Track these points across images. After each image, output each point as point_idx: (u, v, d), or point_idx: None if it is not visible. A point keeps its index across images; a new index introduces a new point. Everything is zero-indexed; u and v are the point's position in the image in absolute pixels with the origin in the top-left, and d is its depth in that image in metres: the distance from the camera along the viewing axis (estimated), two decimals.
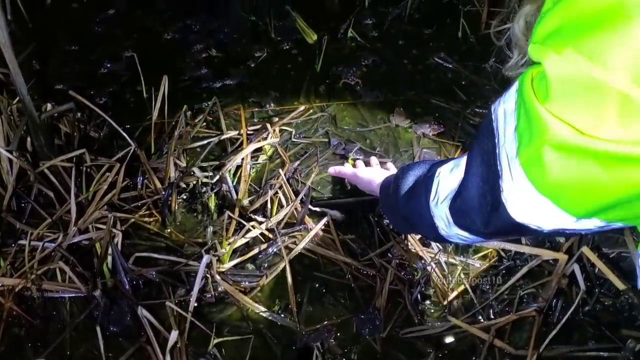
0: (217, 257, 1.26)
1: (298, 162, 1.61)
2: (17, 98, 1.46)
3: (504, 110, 0.59)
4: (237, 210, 1.42)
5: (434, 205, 0.81)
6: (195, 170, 1.43)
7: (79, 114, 1.54)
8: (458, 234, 0.78)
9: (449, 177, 0.78)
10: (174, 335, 1.10)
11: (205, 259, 1.20)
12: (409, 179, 0.95)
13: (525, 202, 0.58)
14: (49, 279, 1.30)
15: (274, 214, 1.44)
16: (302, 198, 1.44)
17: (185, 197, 1.52)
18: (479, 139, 0.65)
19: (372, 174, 1.35)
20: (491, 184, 0.62)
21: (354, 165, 1.51)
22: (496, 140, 0.60)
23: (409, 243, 1.35)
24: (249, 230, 1.34)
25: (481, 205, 0.67)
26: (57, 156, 1.43)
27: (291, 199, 1.45)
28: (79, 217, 1.37)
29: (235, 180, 1.54)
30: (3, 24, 1.13)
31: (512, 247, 1.19)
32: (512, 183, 0.58)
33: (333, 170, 1.49)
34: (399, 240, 1.37)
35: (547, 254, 1.15)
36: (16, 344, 1.24)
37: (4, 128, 1.37)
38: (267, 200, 1.46)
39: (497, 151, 0.60)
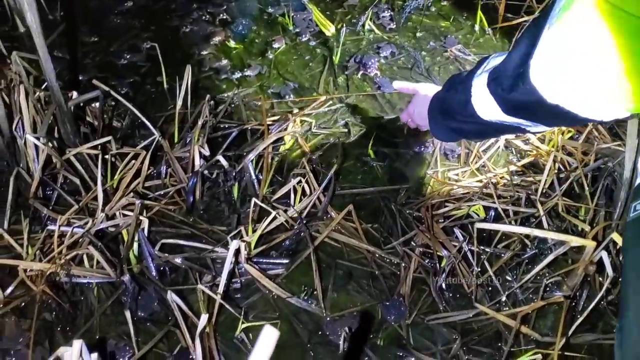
0: (245, 243, 1.27)
1: (319, 153, 1.63)
2: (44, 85, 1.47)
3: None
4: (260, 198, 1.43)
5: (478, 74, 1.00)
6: (220, 158, 1.44)
7: (105, 103, 1.54)
8: (487, 107, 0.99)
9: (498, 58, 0.97)
10: (204, 318, 1.11)
11: (235, 244, 1.21)
12: (462, 73, 1.14)
13: (544, 65, 0.77)
14: (76, 264, 1.31)
15: (297, 202, 1.45)
16: (325, 187, 1.45)
17: (208, 185, 1.53)
18: (532, 22, 0.82)
19: (431, 88, 1.39)
20: (528, 53, 0.79)
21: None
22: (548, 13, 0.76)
23: (433, 232, 1.36)
24: (275, 218, 1.35)
25: (513, 71, 0.84)
26: (83, 144, 1.43)
27: (314, 188, 1.45)
28: (105, 204, 1.38)
29: (258, 169, 1.55)
30: (34, 9, 1.14)
31: (539, 232, 1.20)
32: (542, 49, 0.76)
33: (398, 84, 1.55)
34: (423, 230, 1.38)
35: (575, 241, 1.16)
36: (46, 328, 1.25)
37: (30, 115, 1.38)
38: (290, 190, 1.46)
39: (543, 26, 0.76)
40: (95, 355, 0.97)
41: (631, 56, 0.70)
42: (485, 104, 1.01)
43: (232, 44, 2.01)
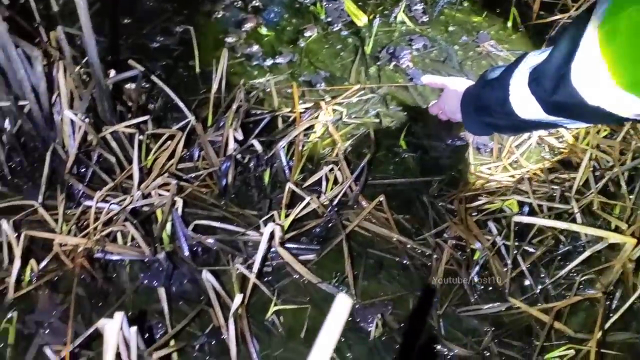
0: (280, 227, 1.27)
1: (349, 142, 1.63)
2: (82, 63, 1.48)
3: None
4: (288, 186, 1.43)
5: (516, 72, 1.01)
6: (255, 142, 1.44)
7: (141, 83, 1.55)
8: (526, 106, 1.00)
9: (536, 57, 0.97)
10: (238, 298, 1.11)
11: (270, 226, 1.21)
12: (496, 70, 1.16)
13: (585, 67, 0.78)
14: (110, 241, 1.32)
15: (329, 190, 1.45)
16: (357, 176, 1.45)
17: (239, 170, 1.53)
18: (573, 22, 0.82)
19: (461, 83, 1.39)
20: (570, 55, 0.80)
21: None
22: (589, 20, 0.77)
23: (467, 224, 1.36)
24: (308, 204, 1.35)
25: (555, 72, 0.84)
26: (119, 123, 1.44)
27: (346, 177, 1.45)
28: (140, 184, 1.39)
29: (289, 156, 1.55)
30: None
31: (577, 228, 1.20)
32: (584, 52, 0.77)
33: (426, 79, 1.55)
34: (456, 222, 1.37)
35: (613, 237, 1.15)
36: (79, 303, 1.26)
37: (68, 91, 1.39)
38: (322, 177, 1.46)
39: (585, 28, 0.77)
40: (134, 328, 0.98)
41: None
42: (524, 103, 1.02)
43: (263, 31, 2.01)
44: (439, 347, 1.22)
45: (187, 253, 1.34)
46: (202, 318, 1.24)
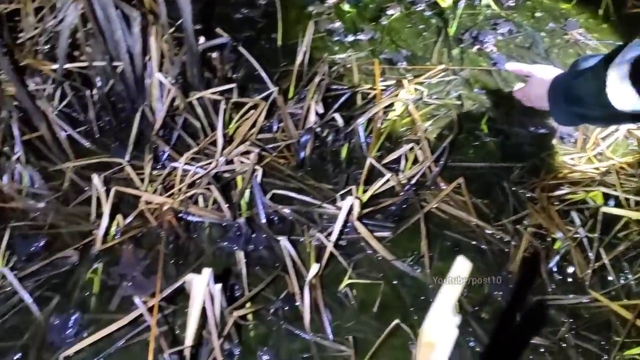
0: (359, 201, 1.28)
1: (429, 123, 1.61)
2: (172, 29, 1.51)
3: None
4: (368, 162, 1.43)
5: (616, 64, 1.00)
6: (336, 116, 1.44)
7: (227, 52, 1.57)
8: (625, 98, 0.99)
9: (637, 49, 0.97)
10: (315, 267, 1.13)
11: (349, 200, 1.22)
12: (589, 60, 1.15)
13: None
14: (193, 203, 1.35)
15: (407, 169, 1.44)
16: (437, 157, 1.43)
17: (317, 144, 1.54)
18: None
19: (548, 71, 1.35)
20: None
21: None
22: None
23: (549, 213, 1.32)
24: (387, 181, 1.35)
25: None
26: (205, 89, 1.47)
27: (426, 156, 1.44)
28: (223, 150, 1.42)
29: (367, 133, 1.55)
30: None
31: None
32: None
33: (511, 66, 1.51)
34: (537, 210, 1.34)
35: None
36: (157, 261, 1.30)
37: (158, 55, 1.42)
38: (401, 155, 1.46)
39: None
40: (219, 285, 1.01)
41: None
42: (623, 95, 1.01)
43: (346, 7, 2.01)
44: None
45: (263, 220, 1.36)
46: (277, 284, 1.26)
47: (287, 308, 1.23)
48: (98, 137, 1.55)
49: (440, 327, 0.48)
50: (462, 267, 0.49)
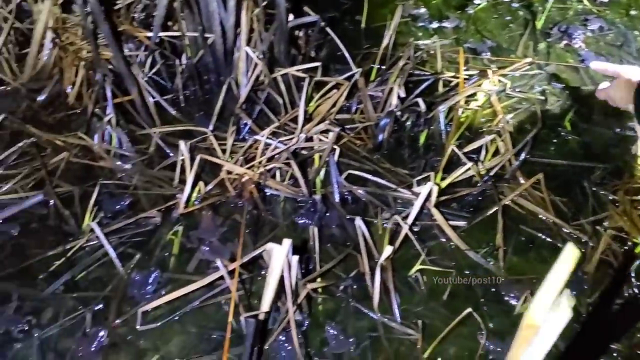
0: (437, 187, 1.27)
1: (511, 116, 1.58)
2: (262, 4, 1.54)
3: None
4: (450, 149, 1.42)
5: None
6: (420, 101, 1.44)
7: (315, 31, 1.59)
8: None
9: None
10: (388, 249, 1.14)
11: (428, 186, 1.22)
12: None
13: None
14: (270, 176, 1.38)
15: (487, 160, 1.43)
16: (518, 151, 1.41)
17: (395, 128, 1.54)
18: None
19: (636, 72, 1.29)
20: None
21: None
22: None
23: (631, 217, 1.29)
24: (467, 170, 1.34)
25: None
26: (290, 66, 1.49)
27: (507, 149, 1.42)
28: (302, 127, 1.44)
29: (447, 121, 1.54)
30: None
31: None
32: None
33: (596, 65, 1.41)
34: (619, 213, 1.31)
35: None
36: (235, 228, 1.34)
37: (247, 30, 1.45)
38: (481, 146, 1.44)
39: None
40: (296, 257, 1.03)
41: None
42: None
43: None
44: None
45: (337, 199, 1.38)
46: (347, 262, 1.28)
47: (355, 286, 1.25)
48: (183, 105, 1.60)
49: (545, 310, 0.48)
50: (570, 253, 0.49)
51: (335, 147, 1.40)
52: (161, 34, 1.48)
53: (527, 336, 0.50)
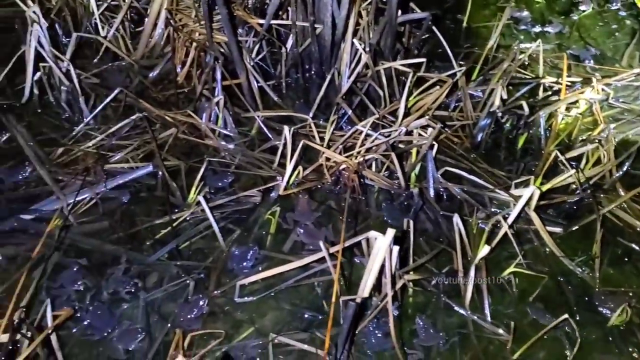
0: (539, 192, 1.27)
1: (614, 126, 1.55)
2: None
3: None
4: (553, 154, 1.41)
5: None
6: (524, 104, 1.43)
7: (423, 28, 1.60)
8: None
9: None
10: (486, 249, 1.14)
11: (530, 190, 1.21)
12: None
13: None
14: (367, 167, 1.41)
15: (587, 169, 1.41)
16: (621, 162, 1.38)
17: (493, 129, 1.54)
18: None
19: None
20: None
21: None
22: None
23: None
24: (568, 177, 1.33)
25: None
26: (393, 60, 1.51)
27: (610, 159, 1.40)
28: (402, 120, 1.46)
29: (546, 126, 1.52)
30: None
31: None
32: None
33: None
34: None
35: None
36: (328, 215, 1.38)
37: (355, 22, 1.48)
38: (582, 154, 1.43)
39: None
40: (397, 247, 1.06)
41: None
42: None
43: None
44: None
45: (432, 195, 1.39)
46: (439, 258, 1.29)
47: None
48: (285, 92, 1.66)
49: None
50: None
51: (434, 142, 1.41)
52: (272, 21, 1.53)
53: None
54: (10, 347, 1.07)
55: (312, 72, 1.63)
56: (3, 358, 1.04)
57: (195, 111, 1.55)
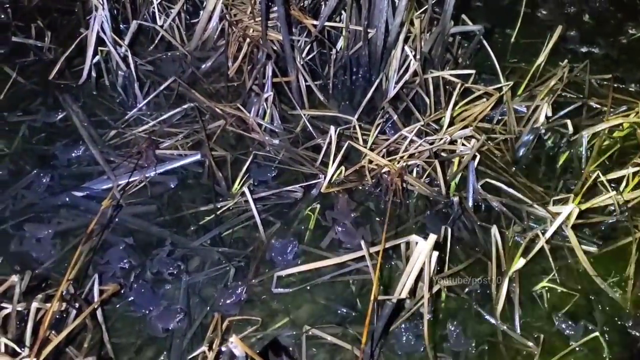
0: (578, 210, 1.29)
1: None
2: (423, 8, 1.59)
3: None
4: (590, 175, 1.42)
5: None
6: (568, 122, 1.45)
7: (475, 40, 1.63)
8: None
9: None
10: (521, 261, 1.16)
11: (569, 208, 1.23)
12: None
13: None
14: (408, 172, 1.45)
15: (627, 191, 1.42)
16: None
17: (536, 145, 1.55)
18: None
19: None
20: None
21: None
22: None
23: None
24: (608, 198, 1.34)
25: None
26: (442, 70, 1.54)
27: None
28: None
29: (589, 146, 1.53)
30: None
31: None
32: None
33: None
34: None
35: None
36: (366, 216, 1.41)
37: (406, 30, 1.51)
38: (623, 176, 1.44)
39: None
40: (436, 253, 1.08)
41: None
42: None
43: (586, 17, 1.97)
44: None
45: (471, 205, 1.42)
46: (473, 267, 1.32)
47: (479, 291, 1.28)
48: (331, 93, 1.69)
49: None
50: None
51: (476, 154, 1.44)
52: (326, 23, 1.57)
53: None
54: (57, 317, 1.13)
55: (359, 75, 1.67)
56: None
57: (244, 105, 1.60)
